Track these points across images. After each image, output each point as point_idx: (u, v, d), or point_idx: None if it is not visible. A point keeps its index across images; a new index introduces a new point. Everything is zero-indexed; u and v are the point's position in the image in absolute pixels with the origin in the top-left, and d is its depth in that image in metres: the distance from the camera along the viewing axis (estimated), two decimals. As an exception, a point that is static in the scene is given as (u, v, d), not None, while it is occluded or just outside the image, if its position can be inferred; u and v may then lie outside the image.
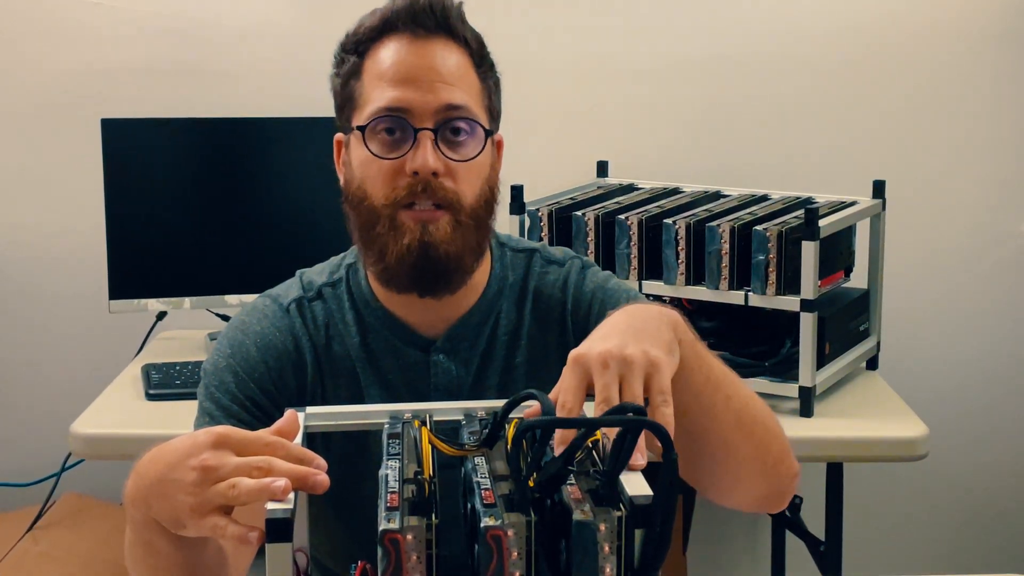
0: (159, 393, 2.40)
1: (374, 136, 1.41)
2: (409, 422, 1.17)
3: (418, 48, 1.42)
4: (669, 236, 2.33)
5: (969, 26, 2.89)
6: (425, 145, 1.39)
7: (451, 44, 1.43)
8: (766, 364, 2.32)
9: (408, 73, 1.41)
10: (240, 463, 1.06)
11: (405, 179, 1.40)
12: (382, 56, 1.43)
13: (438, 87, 1.40)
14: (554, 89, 2.90)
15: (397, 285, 1.45)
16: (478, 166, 1.43)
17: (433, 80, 1.40)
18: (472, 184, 1.43)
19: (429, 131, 1.39)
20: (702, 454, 1.32)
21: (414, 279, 1.42)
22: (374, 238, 1.42)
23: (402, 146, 1.40)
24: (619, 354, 1.12)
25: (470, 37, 1.45)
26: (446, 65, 1.42)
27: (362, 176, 1.43)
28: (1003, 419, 3.01)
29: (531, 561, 0.95)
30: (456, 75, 1.42)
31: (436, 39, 1.42)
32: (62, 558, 2.53)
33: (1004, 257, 2.95)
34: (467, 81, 1.44)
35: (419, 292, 1.44)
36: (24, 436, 2.94)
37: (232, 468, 1.06)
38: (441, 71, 1.41)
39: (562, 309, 1.53)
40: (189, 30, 2.88)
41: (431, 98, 1.40)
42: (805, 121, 2.93)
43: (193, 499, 1.07)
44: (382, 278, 1.46)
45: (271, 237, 2.67)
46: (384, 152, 1.41)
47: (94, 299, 2.74)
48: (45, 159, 2.90)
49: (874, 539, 3.05)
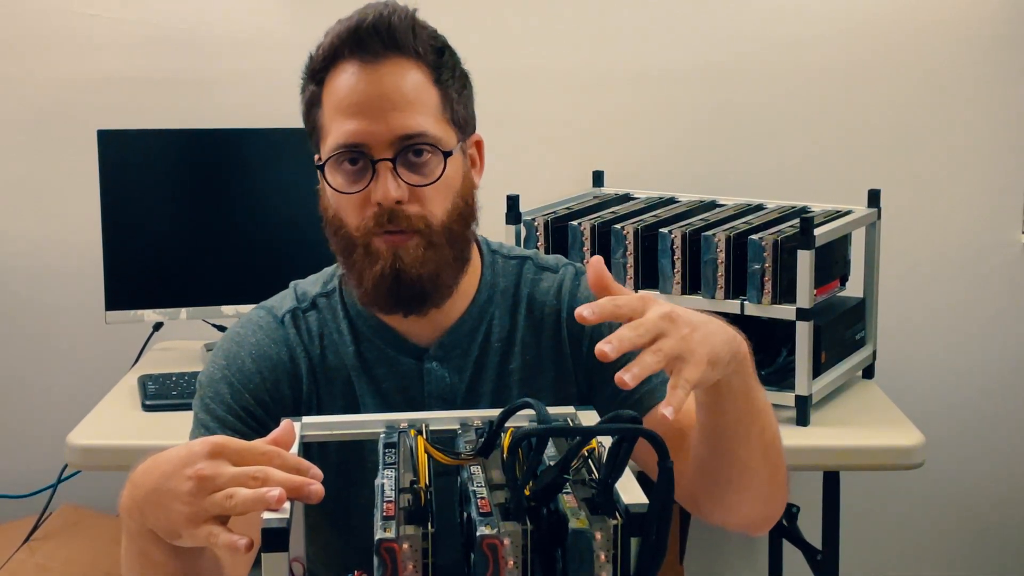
0: (155, 404, 2.40)
1: (337, 169, 1.41)
2: (405, 431, 1.17)
3: (368, 75, 1.39)
4: (665, 245, 2.34)
5: (964, 34, 2.89)
6: (384, 176, 1.38)
7: (403, 62, 1.40)
8: (762, 373, 2.29)
9: (360, 104, 1.38)
10: (236, 473, 1.06)
11: (371, 209, 1.39)
12: (336, 85, 1.41)
13: (392, 116, 1.38)
14: (550, 99, 2.91)
15: (379, 308, 1.46)
16: (444, 184, 1.41)
17: (386, 109, 1.38)
18: (441, 203, 1.41)
19: (387, 161, 1.38)
20: (719, 475, 1.36)
21: (392, 303, 1.43)
22: (352, 264, 1.43)
23: (364, 177, 1.39)
24: (680, 325, 1.14)
25: (423, 49, 1.41)
26: (399, 90, 1.39)
27: (336, 205, 1.43)
28: (999, 427, 3.01)
29: (527, 570, 0.95)
30: (410, 97, 1.39)
31: (386, 61, 1.39)
32: (58, 569, 2.52)
33: (1000, 265, 2.96)
34: (423, 99, 1.40)
35: (402, 313, 1.45)
36: (20, 447, 2.94)
37: (228, 478, 1.06)
38: (393, 97, 1.38)
39: (556, 316, 1.52)
40: (186, 42, 2.88)
41: (385, 128, 1.37)
42: (800, 130, 2.93)
43: (189, 509, 1.07)
44: (364, 302, 1.47)
45: (267, 248, 2.67)
46: (347, 186, 1.40)
47: (90, 310, 2.74)
48: (41, 170, 2.91)
49: (871, 547, 3.05)
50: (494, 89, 1.52)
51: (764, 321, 2.30)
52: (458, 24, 1.50)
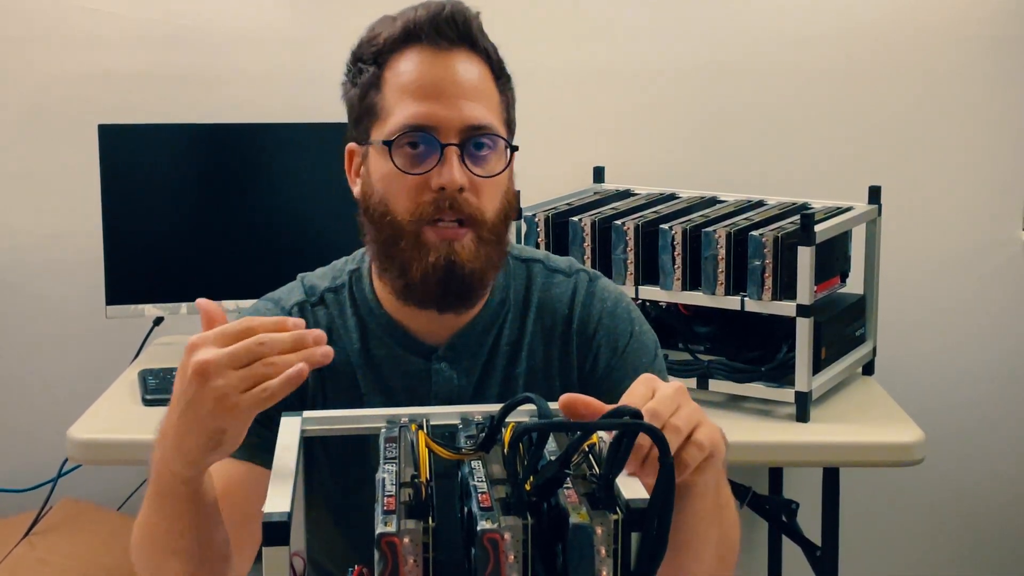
0: (156, 399, 2.40)
1: (398, 150, 1.40)
2: (406, 426, 1.17)
3: (441, 60, 1.40)
4: (665, 241, 2.34)
5: (965, 31, 2.89)
6: (452, 161, 1.38)
7: (472, 56, 1.42)
8: (762, 369, 2.33)
9: (433, 87, 1.39)
10: (245, 375, 1.12)
11: (430, 194, 1.38)
12: (404, 68, 1.41)
13: (462, 103, 1.39)
14: (550, 95, 2.90)
15: (419, 301, 1.43)
16: (499, 181, 1.43)
17: (458, 95, 1.39)
18: (493, 199, 1.42)
19: (456, 147, 1.38)
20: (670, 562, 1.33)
21: (438, 296, 1.41)
22: (396, 253, 1.41)
23: (427, 161, 1.39)
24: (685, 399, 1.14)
25: (490, 49, 1.45)
26: (469, 79, 1.41)
27: (384, 190, 1.41)
28: (999, 424, 3.01)
29: (527, 564, 0.95)
30: (479, 89, 1.41)
31: (458, 51, 1.41)
32: (59, 563, 2.52)
33: (1001, 262, 2.96)
34: (488, 94, 1.43)
35: (440, 309, 1.43)
36: (21, 441, 2.94)
37: (237, 380, 1.11)
38: (465, 85, 1.40)
39: (567, 323, 1.52)
40: (186, 36, 2.88)
41: (456, 114, 1.38)
42: (801, 127, 2.93)
43: (218, 392, 1.12)
44: (402, 294, 1.44)
45: (268, 243, 2.67)
46: (409, 167, 1.39)
47: (91, 305, 2.74)
48: (42, 164, 2.90)
49: (870, 544, 3.05)
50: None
51: (764, 317, 2.31)
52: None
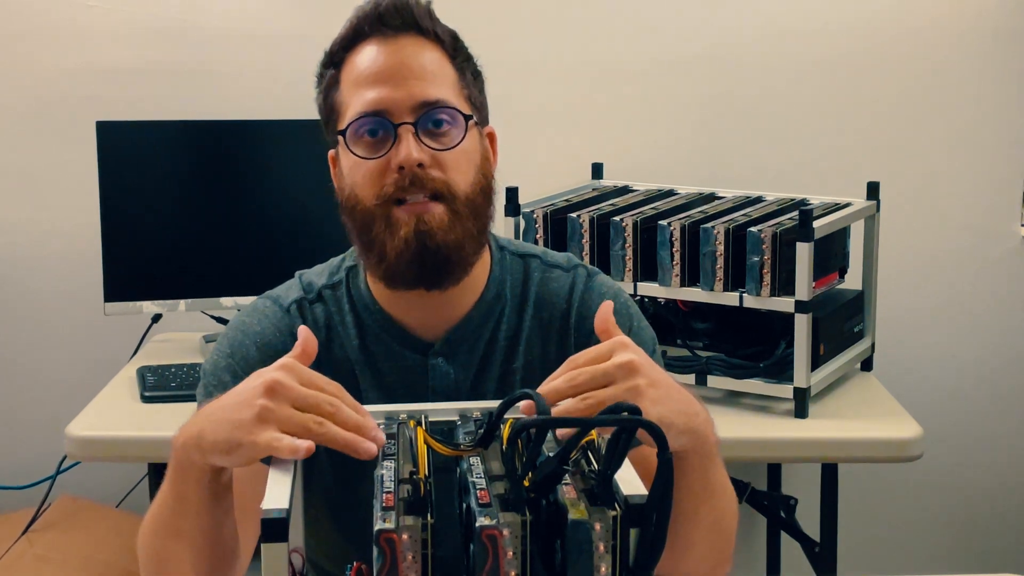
0: (154, 395, 2.40)
1: (357, 140, 1.41)
2: (405, 422, 1.17)
3: (389, 48, 1.42)
4: (664, 238, 2.34)
5: (963, 26, 2.89)
6: (406, 138, 1.38)
7: (421, 40, 1.43)
8: (761, 365, 2.33)
9: (382, 73, 1.41)
10: (294, 418, 1.12)
11: (392, 175, 1.39)
12: (356, 62, 1.43)
13: (412, 83, 1.40)
14: (549, 91, 2.91)
15: (402, 282, 1.43)
16: (467, 154, 1.42)
17: (407, 76, 1.40)
18: (464, 172, 1.42)
19: (409, 125, 1.39)
20: None
21: (416, 272, 1.41)
22: (372, 239, 1.42)
23: (385, 144, 1.40)
24: (636, 376, 1.15)
25: (440, 32, 1.45)
26: (418, 60, 1.42)
27: (352, 182, 1.43)
28: (997, 420, 3.01)
29: (526, 560, 0.95)
30: (430, 69, 1.42)
31: (405, 37, 1.42)
32: (57, 560, 2.52)
33: (998, 258, 2.96)
34: (442, 74, 1.43)
35: (424, 285, 1.43)
36: (19, 438, 2.94)
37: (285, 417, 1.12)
38: (413, 67, 1.41)
39: (565, 318, 1.52)
40: (184, 32, 2.88)
41: (405, 93, 1.39)
42: (799, 123, 2.93)
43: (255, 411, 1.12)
44: (386, 278, 1.44)
45: (266, 239, 2.67)
46: (368, 153, 1.40)
47: (89, 301, 2.74)
48: (40, 161, 2.90)
49: (869, 540, 3.05)
50: (493, 81, 1.52)
51: (763, 313, 2.31)
52: (456, 17, 1.49)
